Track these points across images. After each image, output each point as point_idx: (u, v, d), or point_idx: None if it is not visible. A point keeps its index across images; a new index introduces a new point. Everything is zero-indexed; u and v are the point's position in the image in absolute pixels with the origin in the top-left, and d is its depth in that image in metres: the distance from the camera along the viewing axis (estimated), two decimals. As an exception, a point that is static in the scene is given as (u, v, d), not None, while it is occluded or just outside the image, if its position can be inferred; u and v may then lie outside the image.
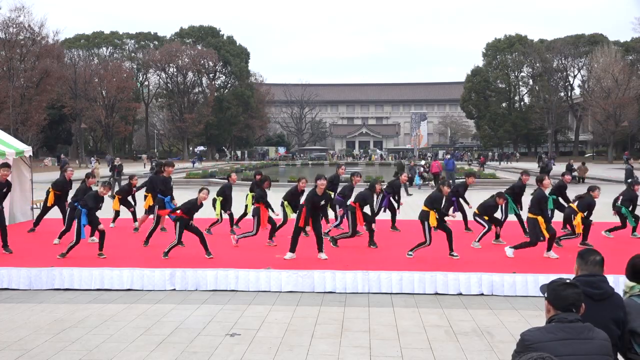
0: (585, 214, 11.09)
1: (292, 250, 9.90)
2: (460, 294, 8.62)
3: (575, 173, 34.05)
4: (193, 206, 10.10)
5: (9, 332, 6.94)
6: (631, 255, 4.38)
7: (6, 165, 11.14)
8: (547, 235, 9.89)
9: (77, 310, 7.89)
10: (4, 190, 10.98)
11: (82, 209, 10.07)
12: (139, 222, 13.30)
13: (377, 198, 12.71)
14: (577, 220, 11.00)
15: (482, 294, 8.62)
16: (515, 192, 12.19)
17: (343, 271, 8.94)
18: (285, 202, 11.58)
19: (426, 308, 7.94)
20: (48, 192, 13.48)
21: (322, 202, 10.04)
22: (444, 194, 10.15)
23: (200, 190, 10.29)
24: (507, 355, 5.88)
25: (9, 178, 11.26)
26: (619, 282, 7.95)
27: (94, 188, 11.32)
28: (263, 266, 9.20)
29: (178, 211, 10.12)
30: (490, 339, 6.66)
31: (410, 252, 10.05)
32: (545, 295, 3.57)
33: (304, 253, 10.16)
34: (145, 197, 12.93)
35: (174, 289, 8.95)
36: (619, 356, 3.97)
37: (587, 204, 11.15)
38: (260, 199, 11.32)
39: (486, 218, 11.25)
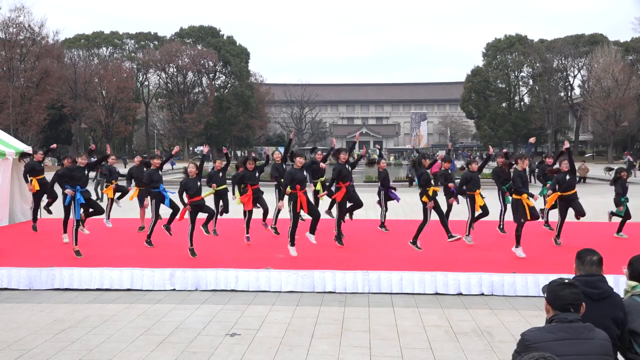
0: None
1: (292, 243, 9.95)
2: (460, 294, 8.62)
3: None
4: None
5: (9, 332, 6.94)
6: (630, 255, 4.37)
7: None
8: (529, 218, 9.95)
9: (77, 310, 7.89)
10: None
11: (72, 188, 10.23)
12: (140, 220, 13.30)
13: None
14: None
15: (482, 294, 8.62)
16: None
17: (343, 271, 8.94)
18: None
19: (426, 308, 7.94)
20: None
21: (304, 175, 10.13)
22: (428, 169, 10.46)
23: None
24: (507, 355, 5.88)
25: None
26: (619, 282, 7.96)
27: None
28: (263, 266, 9.20)
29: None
30: (490, 339, 6.66)
31: (415, 243, 10.10)
32: (545, 295, 3.58)
33: (304, 253, 10.16)
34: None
35: (174, 289, 8.96)
36: (619, 356, 3.98)
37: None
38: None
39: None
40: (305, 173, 10.52)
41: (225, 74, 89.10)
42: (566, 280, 3.55)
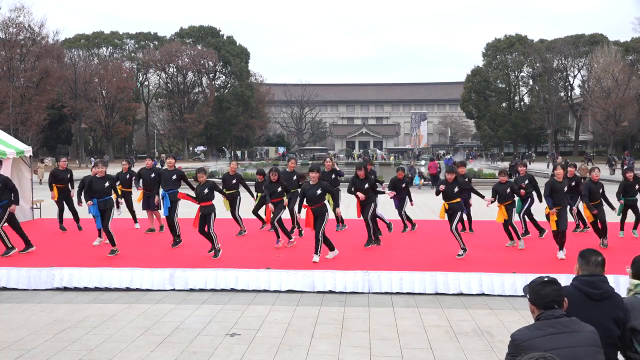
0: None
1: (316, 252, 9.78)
2: (461, 294, 8.61)
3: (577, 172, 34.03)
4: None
5: (9, 332, 6.94)
6: (631, 254, 4.37)
7: None
8: (554, 228, 9.89)
9: (77, 310, 7.89)
10: None
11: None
12: (150, 222, 13.19)
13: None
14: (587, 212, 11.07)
15: (482, 294, 8.62)
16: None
17: (343, 271, 8.94)
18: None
19: (426, 308, 7.94)
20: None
21: (319, 192, 9.84)
22: (449, 180, 10.17)
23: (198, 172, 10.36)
24: (507, 355, 5.88)
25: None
26: (619, 282, 7.97)
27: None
28: (263, 266, 9.20)
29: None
30: (490, 339, 6.66)
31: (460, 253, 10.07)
32: (527, 296, 3.61)
33: (304, 253, 10.15)
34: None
35: (174, 289, 8.95)
36: (619, 355, 3.98)
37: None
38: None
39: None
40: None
41: (225, 74, 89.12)
42: (545, 279, 3.59)
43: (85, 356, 6.13)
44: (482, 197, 10.86)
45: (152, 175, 12.48)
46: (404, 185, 13.04)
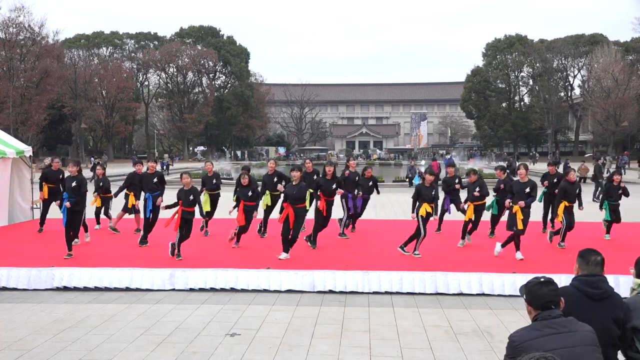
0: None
1: (286, 250, 9.92)
2: (461, 294, 8.62)
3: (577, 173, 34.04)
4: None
5: (9, 332, 6.94)
6: (630, 254, 4.37)
7: None
8: (520, 227, 9.85)
9: (77, 310, 7.89)
10: None
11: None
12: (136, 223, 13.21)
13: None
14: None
15: (482, 294, 8.62)
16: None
17: (343, 271, 8.94)
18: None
19: (426, 308, 7.94)
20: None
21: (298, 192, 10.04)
22: (427, 183, 10.28)
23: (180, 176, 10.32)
24: (507, 355, 5.88)
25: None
26: (619, 282, 7.97)
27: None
28: (263, 266, 9.20)
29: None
30: (490, 339, 6.66)
31: (404, 249, 10.20)
32: (524, 297, 3.61)
33: (304, 253, 10.15)
34: (127, 195, 12.83)
35: (174, 289, 8.95)
36: (620, 355, 3.98)
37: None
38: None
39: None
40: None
41: (225, 74, 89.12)
42: (542, 279, 3.59)
43: (85, 356, 6.13)
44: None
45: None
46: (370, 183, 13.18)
